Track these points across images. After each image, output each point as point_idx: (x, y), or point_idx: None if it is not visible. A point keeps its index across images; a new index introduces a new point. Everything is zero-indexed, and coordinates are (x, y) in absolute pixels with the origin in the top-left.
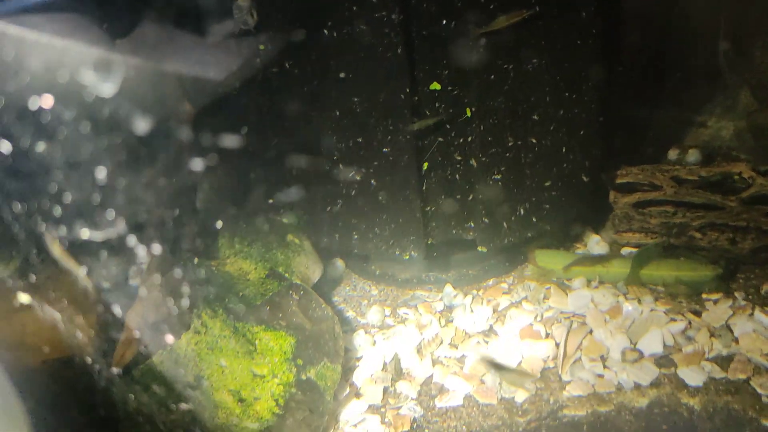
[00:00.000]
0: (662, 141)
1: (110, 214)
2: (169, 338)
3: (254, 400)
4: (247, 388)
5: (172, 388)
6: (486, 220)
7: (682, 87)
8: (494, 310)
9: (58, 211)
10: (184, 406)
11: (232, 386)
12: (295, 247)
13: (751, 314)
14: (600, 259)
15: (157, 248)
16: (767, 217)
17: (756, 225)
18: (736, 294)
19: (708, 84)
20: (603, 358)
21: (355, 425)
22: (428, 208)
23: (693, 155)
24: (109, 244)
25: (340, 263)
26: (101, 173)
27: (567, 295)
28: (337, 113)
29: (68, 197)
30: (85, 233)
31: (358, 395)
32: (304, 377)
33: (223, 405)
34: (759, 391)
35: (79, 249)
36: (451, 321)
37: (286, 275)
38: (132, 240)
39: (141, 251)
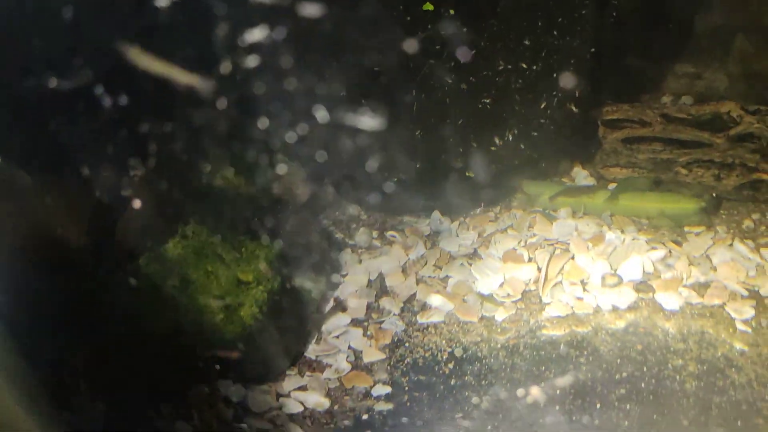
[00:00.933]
0: (657, 88)
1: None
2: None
3: (238, 305)
4: (231, 293)
5: (157, 290)
6: (474, 144)
7: (678, 34)
8: (479, 236)
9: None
10: (168, 308)
11: (217, 291)
12: (286, 166)
13: (731, 245)
14: (586, 190)
15: (152, 158)
16: (753, 153)
17: (741, 162)
18: (718, 228)
19: (704, 32)
20: (583, 282)
21: (338, 336)
22: (418, 132)
23: (685, 101)
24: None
25: (329, 188)
26: None
27: (552, 223)
28: (329, 27)
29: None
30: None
31: (342, 309)
32: (288, 286)
33: (207, 309)
34: (733, 315)
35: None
36: (437, 244)
37: (275, 192)
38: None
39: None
